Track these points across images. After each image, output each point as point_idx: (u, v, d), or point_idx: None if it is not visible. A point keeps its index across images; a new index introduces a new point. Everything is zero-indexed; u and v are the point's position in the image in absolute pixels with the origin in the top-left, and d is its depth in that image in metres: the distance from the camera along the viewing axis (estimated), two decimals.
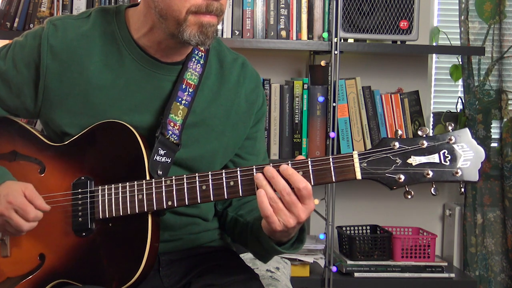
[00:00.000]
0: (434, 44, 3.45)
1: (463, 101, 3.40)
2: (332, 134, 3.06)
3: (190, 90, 1.78)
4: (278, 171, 1.57)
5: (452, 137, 1.52)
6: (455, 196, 3.52)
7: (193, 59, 1.80)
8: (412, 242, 3.14)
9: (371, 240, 3.15)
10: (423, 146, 1.53)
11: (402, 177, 1.53)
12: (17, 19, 2.98)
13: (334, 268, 3.07)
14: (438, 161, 1.52)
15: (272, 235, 1.65)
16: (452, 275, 3.14)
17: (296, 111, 3.10)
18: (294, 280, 2.55)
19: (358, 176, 1.55)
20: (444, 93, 3.58)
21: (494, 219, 3.44)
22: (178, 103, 1.76)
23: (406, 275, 3.11)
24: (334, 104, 3.06)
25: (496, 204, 3.44)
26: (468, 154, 1.52)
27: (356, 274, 3.10)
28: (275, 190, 1.57)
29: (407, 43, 3.13)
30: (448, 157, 1.52)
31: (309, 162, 1.57)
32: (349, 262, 3.11)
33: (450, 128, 1.53)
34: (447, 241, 3.51)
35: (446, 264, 3.16)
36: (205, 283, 1.75)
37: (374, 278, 3.11)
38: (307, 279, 3.08)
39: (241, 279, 1.77)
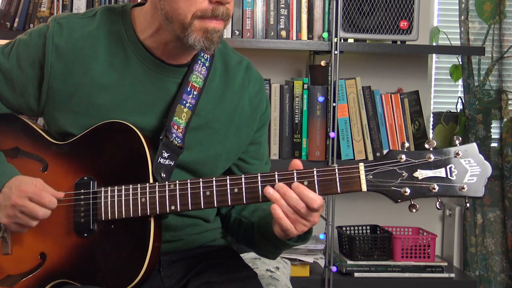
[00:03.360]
0: (434, 44, 3.44)
1: (463, 101, 3.40)
2: (332, 134, 3.05)
3: (195, 92, 1.78)
4: (289, 185, 1.58)
5: (459, 152, 1.51)
6: None
7: (199, 61, 1.79)
8: (412, 242, 3.14)
9: (371, 240, 3.15)
10: (430, 160, 1.52)
11: (408, 190, 1.53)
12: (17, 19, 2.97)
13: (334, 268, 3.07)
14: (445, 176, 1.51)
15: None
16: (452, 275, 3.15)
17: (296, 111, 3.10)
18: (294, 280, 2.54)
19: (364, 188, 1.55)
20: (444, 93, 3.58)
21: (494, 219, 3.45)
22: (182, 106, 1.76)
23: (406, 275, 3.12)
24: (334, 104, 3.06)
25: (496, 204, 3.44)
26: (475, 169, 1.51)
27: (356, 274, 3.11)
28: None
29: (407, 43, 3.13)
30: (454, 171, 1.52)
31: (315, 172, 1.57)
32: (349, 262, 3.11)
33: (457, 142, 1.52)
34: (447, 241, 3.51)
35: (446, 264, 3.16)
36: (204, 281, 1.75)
37: (374, 278, 3.11)
38: (307, 279, 3.08)
39: (239, 277, 1.77)
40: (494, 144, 3.44)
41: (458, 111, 3.43)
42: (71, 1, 3.00)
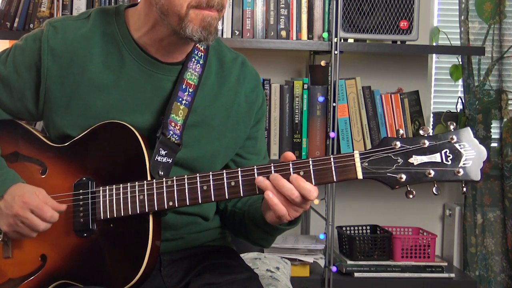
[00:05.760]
0: (434, 44, 3.45)
1: (463, 101, 3.40)
2: (332, 134, 3.06)
3: (190, 90, 1.78)
4: (287, 179, 1.57)
5: (454, 136, 1.52)
6: (455, 196, 3.52)
7: (193, 59, 1.80)
8: (412, 242, 3.14)
9: (371, 240, 3.15)
10: (424, 146, 1.52)
11: (404, 176, 1.53)
12: (17, 19, 2.97)
13: (334, 268, 3.07)
14: (440, 161, 1.51)
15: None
16: (452, 275, 3.15)
17: (296, 111, 3.10)
18: (294, 280, 2.54)
19: (360, 175, 1.55)
20: (444, 93, 3.58)
21: (494, 219, 3.44)
22: (178, 103, 1.76)
23: (406, 275, 3.12)
24: (334, 104, 3.06)
25: (496, 204, 3.44)
26: (470, 153, 1.51)
27: (356, 274, 3.11)
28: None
29: (407, 43, 3.13)
30: (449, 156, 1.51)
31: (310, 162, 1.57)
32: (349, 262, 3.12)
33: (451, 127, 1.53)
34: (447, 241, 3.51)
35: (446, 264, 3.17)
36: (204, 282, 1.75)
37: (374, 278, 3.11)
38: (307, 279, 3.08)
39: (240, 278, 1.77)
40: (494, 144, 3.44)
41: (458, 111, 3.43)
42: (71, 1, 3.00)
